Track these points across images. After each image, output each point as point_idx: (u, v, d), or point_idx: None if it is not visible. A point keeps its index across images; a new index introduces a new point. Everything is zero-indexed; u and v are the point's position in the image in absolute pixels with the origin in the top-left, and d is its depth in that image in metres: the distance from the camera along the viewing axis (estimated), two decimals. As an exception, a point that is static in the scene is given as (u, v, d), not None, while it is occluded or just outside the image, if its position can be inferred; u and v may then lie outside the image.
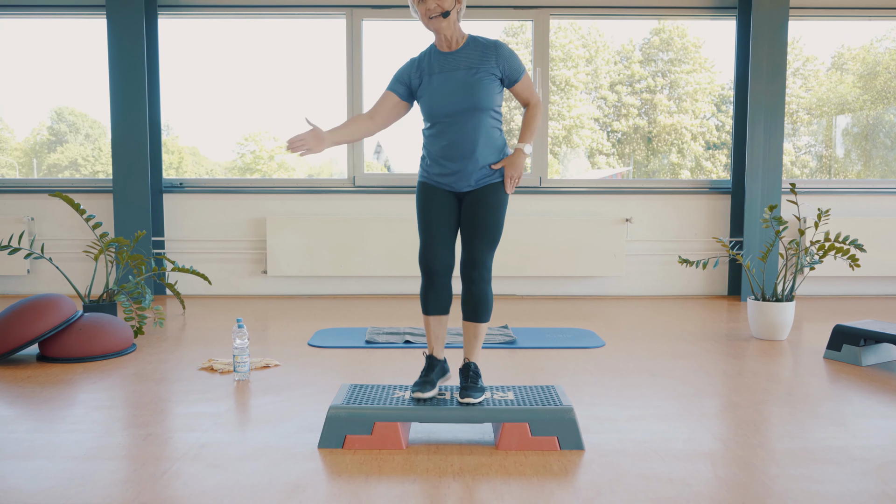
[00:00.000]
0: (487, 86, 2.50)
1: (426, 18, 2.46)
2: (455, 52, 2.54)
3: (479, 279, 2.55)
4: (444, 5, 2.43)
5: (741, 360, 3.55)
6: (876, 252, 5.56)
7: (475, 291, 2.56)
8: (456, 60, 2.52)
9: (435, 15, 2.44)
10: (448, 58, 2.54)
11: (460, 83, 2.49)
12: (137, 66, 5.37)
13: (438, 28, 2.47)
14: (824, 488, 2.02)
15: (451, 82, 2.51)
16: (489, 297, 2.58)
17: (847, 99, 6.30)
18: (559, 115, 6.35)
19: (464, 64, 2.51)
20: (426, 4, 2.43)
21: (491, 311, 2.63)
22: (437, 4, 2.43)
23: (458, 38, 2.54)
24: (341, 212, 5.66)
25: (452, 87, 2.50)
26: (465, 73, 2.50)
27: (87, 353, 3.50)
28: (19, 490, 2.00)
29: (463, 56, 2.52)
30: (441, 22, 2.46)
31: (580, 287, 5.72)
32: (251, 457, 2.25)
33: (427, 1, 2.43)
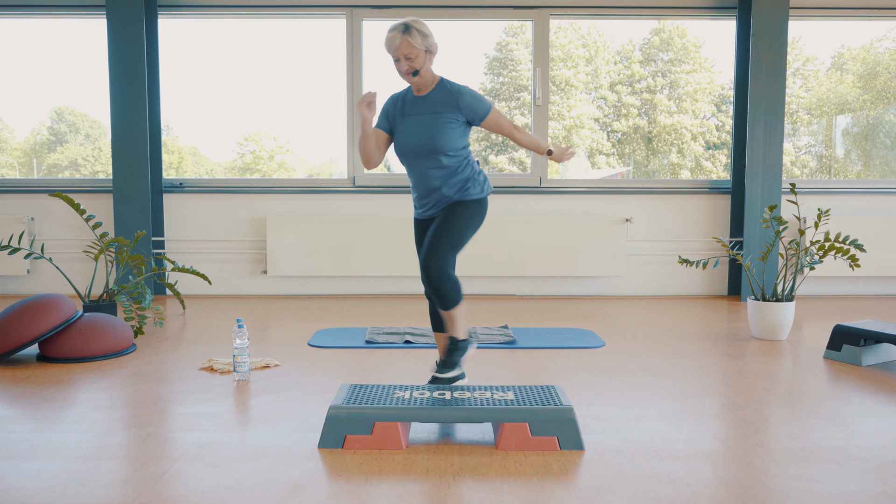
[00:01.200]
0: (447, 130, 2.75)
1: (399, 73, 2.76)
2: (425, 97, 2.81)
3: (432, 275, 2.74)
4: (416, 65, 2.72)
5: (741, 360, 3.55)
6: (876, 252, 5.56)
7: (432, 286, 2.75)
8: (424, 105, 2.80)
9: (405, 73, 2.74)
10: (418, 101, 2.82)
11: (423, 126, 2.77)
12: (137, 66, 5.37)
13: (410, 82, 2.82)
14: (824, 488, 2.02)
15: (416, 125, 2.78)
16: (446, 290, 2.75)
17: (847, 99, 6.30)
18: (559, 115, 6.35)
19: (429, 109, 2.79)
20: (400, 66, 2.73)
21: (455, 299, 2.80)
22: (409, 66, 2.72)
23: (430, 82, 2.81)
24: (341, 212, 5.66)
25: (417, 130, 2.77)
26: (429, 117, 2.77)
27: (87, 353, 3.50)
28: (19, 490, 2.00)
29: (430, 101, 2.80)
30: (412, 79, 2.76)
31: (580, 287, 5.72)
32: (251, 457, 2.25)
33: (401, 63, 2.72)
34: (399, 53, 2.69)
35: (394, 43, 2.69)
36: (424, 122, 2.76)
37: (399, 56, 2.70)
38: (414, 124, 2.78)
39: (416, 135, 2.77)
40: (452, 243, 2.76)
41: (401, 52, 2.69)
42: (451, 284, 2.76)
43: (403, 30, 2.68)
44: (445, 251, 2.74)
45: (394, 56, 2.72)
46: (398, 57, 2.71)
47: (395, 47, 2.69)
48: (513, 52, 6.39)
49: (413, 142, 2.78)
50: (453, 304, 2.80)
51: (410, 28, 2.69)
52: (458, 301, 2.80)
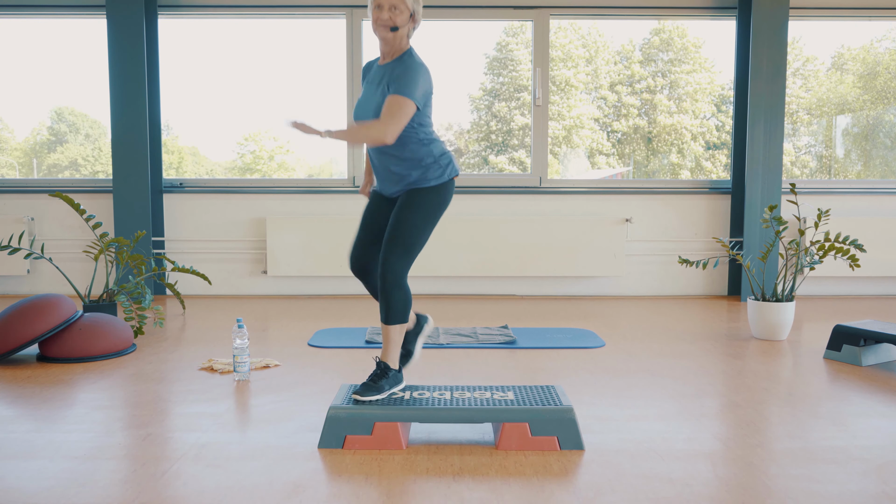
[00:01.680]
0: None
1: (374, 24, 2.45)
2: (384, 66, 2.52)
3: (387, 283, 2.47)
4: (398, 21, 2.42)
5: (741, 360, 3.55)
6: (876, 252, 5.56)
7: (384, 294, 2.49)
8: (380, 74, 2.51)
9: (383, 24, 2.43)
10: (378, 70, 2.54)
11: (370, 97, 2.51)
12: (137, 66, 5.37)
13: (383, 37, 2.46)
14: (824, 488, 2.02)
15: (365, 98, 2.54)
16: (395, 299, 2.48)
17: (847, 99, 6.30)
18: (559, 115, 6.35)
19: (379, 78, 2.50)
20: (380, 13, 2.42)
21: (400, 314, 2.52)
22: (391, 17, 2.42)
23: (397, 50, 2.51)
24: (341, 212, 5.66)
25: (364, 104, 2.53)
26: (376, 87, 2.50)
27: (87, 353, 3.50)
28: (19, 490, 2.00)
29: (385, 71, 2.50)
30: (387, 33, 2.45)
31: (580, 287, 5.72)
32: (251, 457, 2.25)
33: (382, 10, 2.42)
34: (387, 2, 2.40)
35: None
36: (372, 94, 2.50)
37: (385, 4, 2.40)
38: (364, 97, 2.54)
39: (362, 109, 2.52)
40: (410, 246, 2.49)
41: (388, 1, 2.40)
42: (402, 295, 2.50)
43: None
44: (402, 255, 2.48)
45: (378, 3, 2.41)
46: (383, 5, 2.40)
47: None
48: (513, 52, 6.39)
49: (358, 113, 2.54)
50: (396, 320, 2.51)
51: None
52: (402, 318, 2.52)
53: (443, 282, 5.64)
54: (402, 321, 2.53)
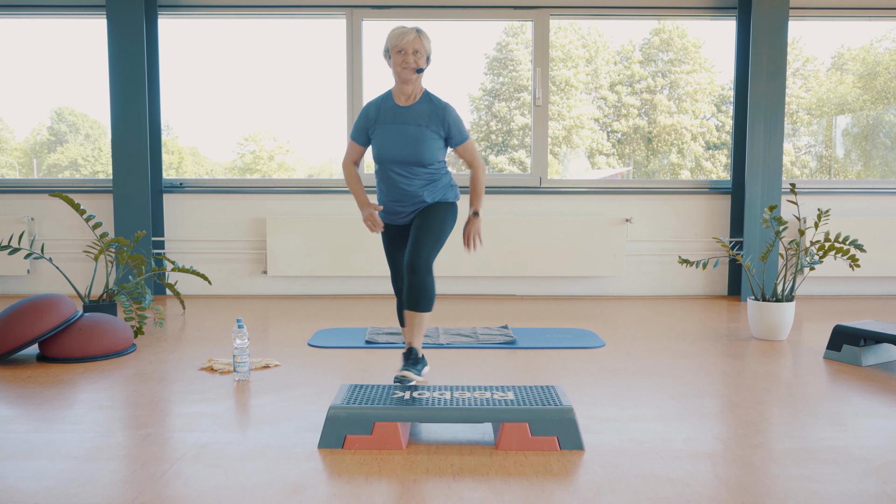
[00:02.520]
0: (431, 144, 2.79)
1: (399, 68, 2.74)
2: (410, 107, 2.81)
3: (418, 268, 2.80)
4: (420, 63, 2.74)
5: (741, 360, 3.55)
6: (876, 252, 5.56)
7: (414, 282, 2.81)
8: (408, 114, 2.81)
9: (410, 69, 2.73)
10: (402, 111, 2.82)
11: (409, 137, 2.78)
12: (137, 66, 5.37)
13: (408, 79, 2.77)
14: (824, 488, 2.02)
15: (400, 135, 2.79)
16: (428, 287, 2.82)
17: (847, 99, 6.30)
18: (559, 116, 6.35)
19: (414, 119, 2.80)
20: (405, 57, 2.71)
21: (431, 303, 2.89)
22: (415, 60, 2.73)
23: (418, 92, 2.83)
24: (341, 212, 5.66)
25: (402, 140, 2.78)
26: (415, 128, 2.78)
27: (87, 353, 3.50)
28: (19, 490, 2.00)
29: (415, 111, 2.81)
30: (413, 75, 2.75)
31: (580, 287, 5.72)
32: (251, 457, 2.25)
33: (407, 55, 2.71)
34: (411, 47, 2.71)
35: (406, 37, 2.71)
36: (410, 133, 2.78)
37: (409, 49, 2.70)
38: (398, 134, 2.79)
39: (401, 145, 2.79)
40: (436, 239, 2.83)
41: (412, 46, 2.71)
42: (432, 283, 2.84)
43: (416, 29, 2.75)
44: (431, 246, 2.81)
45: (401, 48, 2.71)
46: (407, 50, 2.70)
47: (408, 41, 2.70)
48: (513, 52, 6.39)
49: (397, 151, 2.79)
50: (428, 307, 2.87)
51: (422, 31, 2.76)
52: (432, 305, 2.89)
53: (443, 282, 5.64)
54: (430, 309, 2.88)
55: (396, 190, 2.86)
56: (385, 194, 2.92)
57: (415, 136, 2.77)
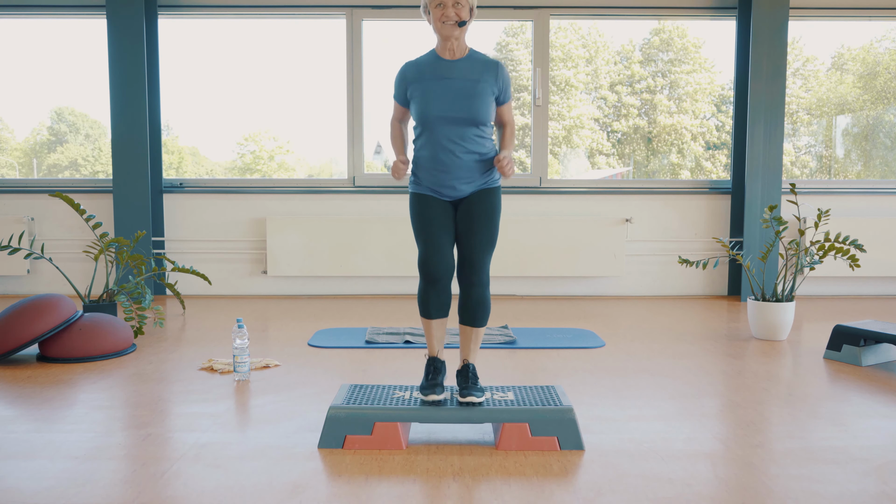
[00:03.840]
0: (486, 100, 2.52)
1: (439, 23, 2.47)
2: (457, 62, 2.54)
3: (478, 283, 2.57)
4: (462, 15, 2.46)
5: (741, 360, 3.55)
6: (876, 252, 5.56)
7: (474, 295, 2.59)
8: (457, 69, 2.53)
9: (451, 22, 2.46)
10: (449, 65, 2.54)
11: (461, 92, 2.50)
12: (137, 66, 5.37)
13: (450, 35, 2.49)
14: (824, 488, 2.02)
15: (450, 90, 2.50)
16: (488, 300, 2.61)
17: (847, 99, 6.30)
18: (559, 115, 6.35)
19: (464, 74, 2.52)
20: (444, 10, 2.45)
21: (489, 315, 2.63)
22: (457, 12, 2.45)
23: (463, 48, 2.55)
24: (341, 212, 5.66)
25: (452, 95, 2.50)
26: (466, 83, 2.50)
27: (87, 353, 3.50)
28: (19, 490, 2.00)
29: (464, 67, 2.53)
30: (455, 30, 2.47)
31: (580, 287, 5.72)
32: (251, 457, 2.25)
33: (446, 7, 2.44)
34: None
35: None
36: (462, 88, 2.50)
37: (447, 1, 2.43)
38: (447, 89, 2.50)
39: (450, 100, 2.49)
40: (493, 242, 2.60)
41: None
42: (489, 295, 2.64)
43: None
44: (489, 254, 2.60)
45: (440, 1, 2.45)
46: (446, 2, 2.44)
47: None
48: (513, 52, 6.39)
49: (447, 107, 2.49)
50: (486, 321, 2.66)
51: None
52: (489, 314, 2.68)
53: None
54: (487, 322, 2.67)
55: (443, 155, 2.52)
56: (429, 162, 2.55)
57: (467, 91, 2.50)
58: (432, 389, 2.46)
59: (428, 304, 2.59)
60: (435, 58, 2.56)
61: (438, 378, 2.54)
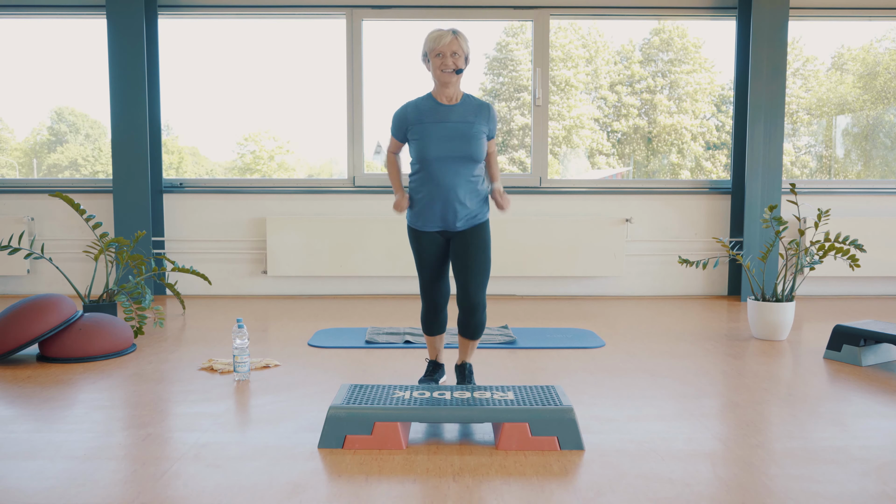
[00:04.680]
0: (481, 139, 2.80)
1: (439, 71, 2.74)
2: (454, 106, 2.82)
3: (476, 308, 2.87)
4: (459, 64, 2.75)
5: (741, 360, 3.55)
6: (876, 252, 5.56)
7: (473, 322, 2.90)
8: (454, 113, 2.81)
9: (449, 71, 2.73)
10: (447, 109, 2.81)
11: (458, 133, 2.77)
12: (137, 66, 5.37)
13: (448, 82, 2.76)
14: (824, 488, 2.02)
15: (448, 131, 2.78)
16: (485, 320, 2.94)
17: (847, 99, 6.30)
18: (559, 115, 6.35)
19: (459, 117, 2.80)
20: (444, 60, 2.72)
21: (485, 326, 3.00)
22: (454, 62, 2.73)
23: (458, 94, 2.83)
24: (341, 212, 5.66)
25: (450, 136, 2.77)
26: (462, 125, 2.79)
27: (87, 353, 3.50)
28: (19, 490, 2.00)
29: (461, 109, 2.81)
30: (452, 77, 2.75)
31: (580, 287, 5.72)
32: (251, 457, 2.25)
33: (446, 57, 2.72)
34: (449, 49, 2.72)
35: (444, 39, 2.72)
36: (459, 130, 2.77)
37: (447, 52, 2.71)
38: (445, 131, 2.77)
39: (449, 139, 2.76)
40: (487, 272, 2.90)
41: (450, 49, 2.72)
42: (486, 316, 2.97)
43: (452, 31, 2.75)
44: (485, 283, 2.89)
45: (440, 51, 2.72)
46: (445, 53, 2.71)
47: (446, 43, 2.71)
48: (513, 52, 6.39)
49: (445, 148, 2.76)
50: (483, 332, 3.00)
51: (458, 31, 2.76)
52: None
53: (443, 282, 5.64)
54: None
55: (439, 192, 2.79)
56: (426, 198, 2.82)
57: (464, 133, 2.77)
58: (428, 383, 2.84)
59: (430, 325, 3.01)
60: (433, 102, 2.83)
61: (436, 375, 3.05)
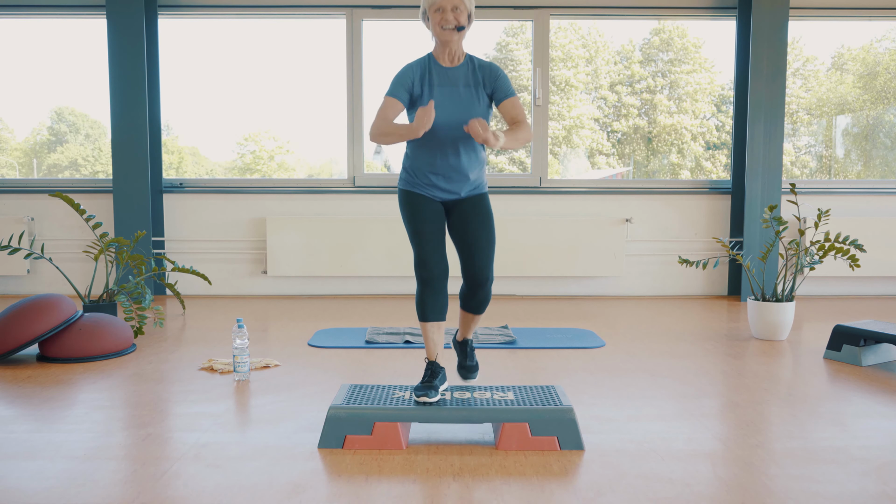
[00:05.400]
0: (484, 104, 2.60)
1: (438, 28, 2.51)
2: (456, 68, 2.60)
3: (485, 282, 2.70)
4: (461, 20, 2.51)
5: (741, 360, 3.55)
6: (876, 252, 5.56)
7: (480, 293, 2.72)
8: (456, 76, 2.59)
9: (450, 27, 2.50)
10: (449, 72, 2.60)
11: (462, 99, 2.57)
12: (137, 66, 5.37)
13: (449, 40, 2.54)
14: (824, 488, 2.02)
15: (452, 97, 2.57)
16: (490, 294, 2.78)
17: (847, 99, 6.30)
18: (559, 115, 6.35)
19: (464, 80, 2.59)
20: (444, 14, 2.49)
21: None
22: (455, 17, 2.50)
23: (462, 53, 2.61)
24: (341, 212, 5.66)
25: (454, 102, 2.56)
26: (466, 89, 2.58)
27: (87, 353, 3.50)
28: (19, 490, 2.00)
29: (463, 72, 2.60)
30: (454, 34, 2.52)
31: (580, 287, 5.72)
32: (251, 457, 2.25)
33: (445, 11, 2.49)
34: (448, 3, 2.48)
35: None
36: (463, 95, 2.57)
37: (447, 6, 2.48)
38: (450, 95, 2.57)
39: (453, 106, 2.56)
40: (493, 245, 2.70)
41: (451, 2, 2.48)
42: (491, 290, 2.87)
43: None
44: (492, 257, 2.70)
45: (440, 6, 2.48)
46: (445, 7, 2.48)
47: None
48: (513, 52, 6.39)
49: (454, 113, 2.55)
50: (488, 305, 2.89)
51: None
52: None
53: (443, 282, 5.63)
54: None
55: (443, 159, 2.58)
56: (428, 165, 2.60)
57: (468, 97, 2.57)
58: (426, 392, 2.44)
59: (425, 307, 2.62)
60: (435, 64, 2.61)
61: (434, 381, 2.54)
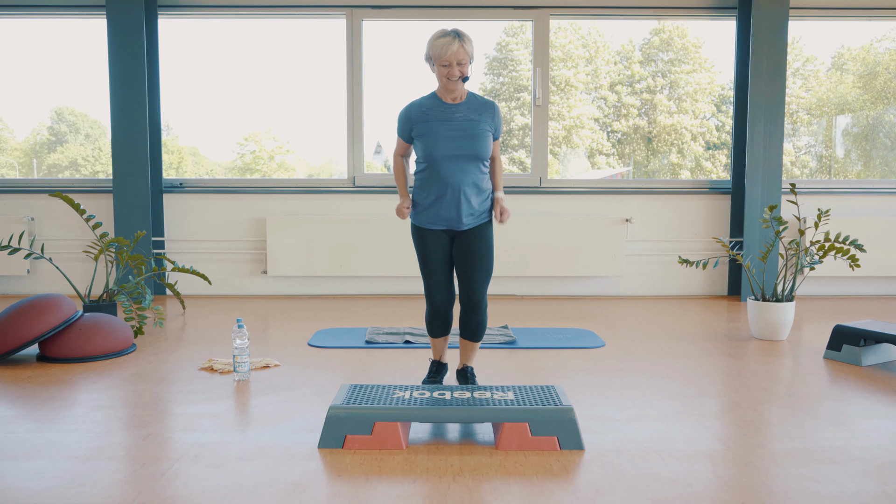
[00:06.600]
0: (487, 137, 2.81)
1: (445, 79, 2.74)
2: (460, 105, 2.83)
3: (478, 310, 2.89)
4: (465, 72, 2.73)
5: (741, 360, 3.55)
6: (876, 252, 5.56)
7: (475, 320, 2.91)
8: (458, 111, 2.81)
9: (456, 79, 2.73)
10: (452, 108, 2.82)
11: (464, 132, 2.78)
12: (137, 66, 5.37)
13: (455, 89, 2.77)
14: (824, 488, 2.02)
15: (454, 130, 2.79)
16: (486, 321, 2.95)
17: (847, 99, 6.30)
18: (559, 115, 6.35)
19: (465, 115, 2.81)
20: (451, 70, 2.72)
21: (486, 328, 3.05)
22: (460, 70, 2.72)
23: (463, 94, 2.84)
24: (341, 212, 5.66)
25: (456, 135, 2.78)
26: (468, 123, 2.80)
27: (87, 353, 3.50)
28: (19, 490, 2.00)
29: (468, 108, 2.82)
30: (459, 84, 2.76)
31: (580, 287, 5.72)
32: (251, 457, 2.25)
33: (452, 67, 2.71)
34: (454, 59, 2.68)
35: (451, 48, 2.66)
36: (467, 129, 2.78)
37: (452, 61, 2.69)
38: (454, 129, 2.78)
39: (455, 138, 2.76)
40: (490, 272, 2.89)
41: (456, 58, 2.68)
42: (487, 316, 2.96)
43: (456, 36, 2.69)
44: (487, 283, 2.89)
45: (446, 62, 2.69)
46: (451, 62, 2.69)
47: (453, 52, 2.67)
48: (513, 52, 6.39)
49: (452, 146, 2.76)
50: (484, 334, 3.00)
51: (463, 35, 2.70)
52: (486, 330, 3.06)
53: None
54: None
55: (447, 190, 2.78)
56: (433, 197, 2.81)
57: (470, 131, 2.78)
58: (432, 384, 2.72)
59: (434, 327, 3.00)
60: (438, 101, 2.83)
61: (439, 376, 3.04)
